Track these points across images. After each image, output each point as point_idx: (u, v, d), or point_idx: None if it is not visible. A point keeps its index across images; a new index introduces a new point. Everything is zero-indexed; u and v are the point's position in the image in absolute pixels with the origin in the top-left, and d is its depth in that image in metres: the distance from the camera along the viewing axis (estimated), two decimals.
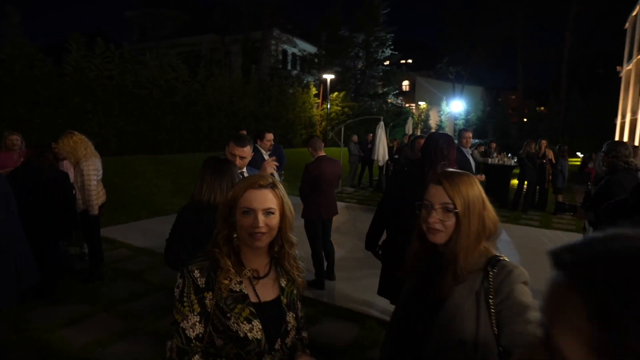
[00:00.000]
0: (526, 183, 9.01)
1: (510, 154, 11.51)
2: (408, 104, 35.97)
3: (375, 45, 30.21)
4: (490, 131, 34.25)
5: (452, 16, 34.38)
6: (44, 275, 3.50)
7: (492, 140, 12.75)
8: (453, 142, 2.59)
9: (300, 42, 31.65)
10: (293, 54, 33.01)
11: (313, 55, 31.39)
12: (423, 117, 34.95)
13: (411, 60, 42.29)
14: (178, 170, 10.72)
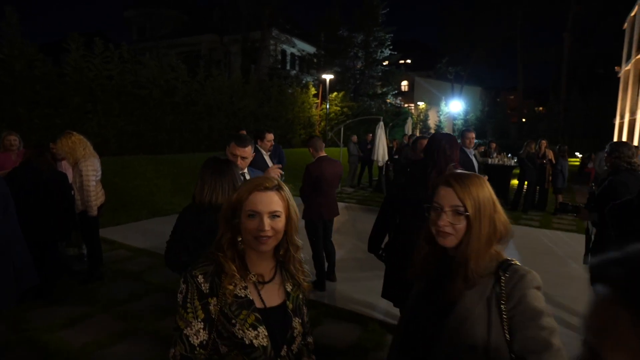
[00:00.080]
0: (526, 183, 9.01)
1: (510, 154, 11.52)
2: (407, 104, 35.95)
3: (374, 45, 30.17)
4: (489, 131, 34.28)
5: (452, 16, 34.43)
6: (44, 275, 3.48)
7: (492, 140, 12.75)
8: (456, 143, 2.55)
9: (299, 42, 31.62)
10: (292, 54, 32.96)
11: (312, 55, 31.37)
12: (422, 117, 34.98)
13: (410, 60, 42.31)
14: (178, 170, 10.69)
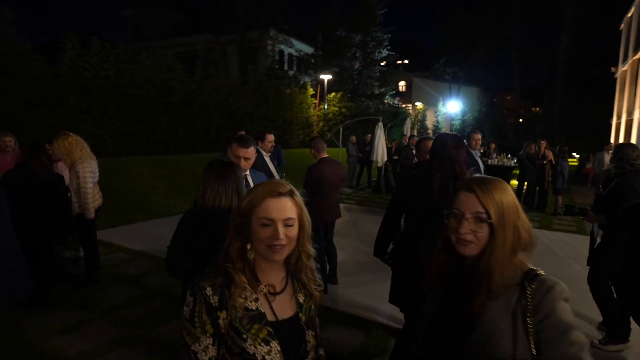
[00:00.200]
0: (526, 184, 8.98)
1: (509, 155, 11.50)
2: (404, 105, 35.96)
3: (372, 45, 30.13)
4: (487, 132, 34.31)
5: (452, 16, 34.40)
6: (39, 280, 3.39)
7: (492, 140, 12.74)
8: (462, 143, 2.47)
9: (297, 43, 31.54)
10: (290, 55, 32.89)
11: (310, 55, 31.30)
12: (419, 118, 34.99)
13: (407, 60, 42.29)
14: (174, 171, 10.60)
